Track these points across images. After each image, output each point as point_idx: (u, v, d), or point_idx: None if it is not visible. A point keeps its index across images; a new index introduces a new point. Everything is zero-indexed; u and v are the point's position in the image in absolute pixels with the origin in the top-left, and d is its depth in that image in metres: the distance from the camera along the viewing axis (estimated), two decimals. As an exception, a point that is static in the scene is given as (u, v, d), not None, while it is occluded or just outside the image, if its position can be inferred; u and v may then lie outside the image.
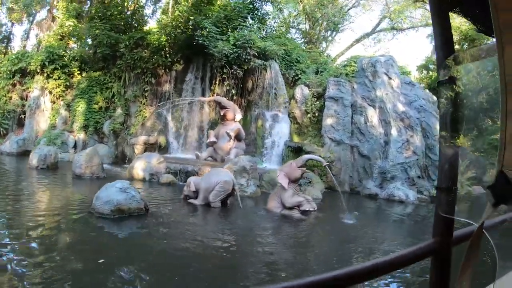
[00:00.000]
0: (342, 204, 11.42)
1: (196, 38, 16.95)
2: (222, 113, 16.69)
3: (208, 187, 10.56)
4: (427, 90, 18.93)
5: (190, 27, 17.50)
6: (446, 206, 1.41)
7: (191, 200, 10.78)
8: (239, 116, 16.75)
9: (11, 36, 22.29)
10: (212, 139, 16.49)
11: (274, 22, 24.88)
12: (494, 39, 1.07)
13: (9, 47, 21.43)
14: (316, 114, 17.21)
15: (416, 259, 1.38)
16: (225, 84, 17.67)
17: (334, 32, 26.15)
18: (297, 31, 25.99)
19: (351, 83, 17.17)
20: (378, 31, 29.08)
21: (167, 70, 18.54)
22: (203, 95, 18.37)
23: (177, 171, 14.25)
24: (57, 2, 21.16)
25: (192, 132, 18.37)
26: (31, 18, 22.59)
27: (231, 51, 16.92)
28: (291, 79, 19.11)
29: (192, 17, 17.57)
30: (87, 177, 13.09)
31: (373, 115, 16.33)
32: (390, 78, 16.90)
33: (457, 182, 1.44)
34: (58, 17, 21.29)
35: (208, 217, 10.17)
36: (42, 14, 23.46)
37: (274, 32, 22.64)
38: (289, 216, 10.27)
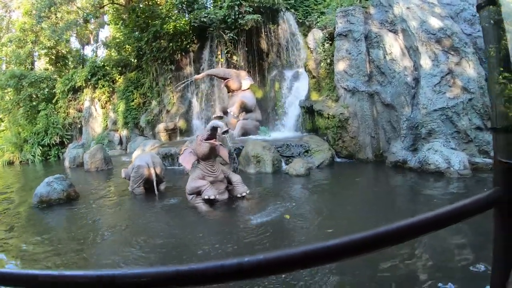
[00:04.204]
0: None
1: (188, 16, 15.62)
2: (223, 85, 14.84)
3: (130, 173, 9.61)
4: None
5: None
6: (506, 150, 1.20)
7: (129, 187, 9.77)
8: (246, 82, 14.31)
9: (85, 57, 24.69)
10: (218, 114, 14.74)
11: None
12: None
13: (85, 67, 24.44)
14: (329, 61, 13.24)
15: (474, 212, 1.15)
16: (225, 51, 15.52)
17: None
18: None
19: (366, 8, 12.50)
20: None
21: (183, 54, 17.47)
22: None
23: (164, 155, 13.28)
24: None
25: (214, 110, 16.93)
26: (96, 38, 25.27)
27: (218, 16, 14.69)
28: (313, 26, 15.41)
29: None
30: (93, 171, 14.34)
31: (392, 44, 11.36)
32: (415, -14, 11.50)
33: None
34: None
35: (111, 206, 8.92)
36: (105, 32, 26.14)
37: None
38: (195, 206, 7.72)
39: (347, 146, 11.92)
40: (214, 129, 7.72)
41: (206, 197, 7.55)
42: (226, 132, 8.48)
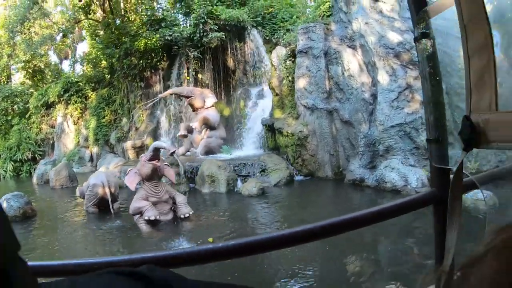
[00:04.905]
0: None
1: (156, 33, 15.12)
2: (186, 104, 14.26)
3: (85, 191, 9.34)
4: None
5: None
6: (438, 157, 1.35)
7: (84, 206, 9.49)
8: (210, 101, 13.75)
9: (62, 72, 23.18)
10: (182, 132, 14.08)
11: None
12: None
13: (58, 83, 23.45)
14: (291, 78, 12.58)
15: (413, 207, 1.35)
16: (190, 70, 14.89)
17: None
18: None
19: (327, 24, 11.95)
20: None
21: (153, 71, 16.76)
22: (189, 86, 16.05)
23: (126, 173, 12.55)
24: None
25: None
26: (74, 52, 24.52)
27: (184, 35, 14.20)
28: (280, 43, 14.81)
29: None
30: (58, 188, 13.64)
31: (350, 60, 10.73)
32: (376, 1, 10.78)
33: (446, 132, 1.33)
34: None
35: (62, 225, 8.82)
36: (84, 47, 25.26)
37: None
38: (139, 227, 7.57)
39: (307, 164, 11.20)
40: (156, 150, 7.73)
41: (146, 217, 7.41)
42: (173, 153, 8.32)
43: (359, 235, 5.78)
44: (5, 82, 21.92)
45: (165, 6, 18.10)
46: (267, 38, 14.91)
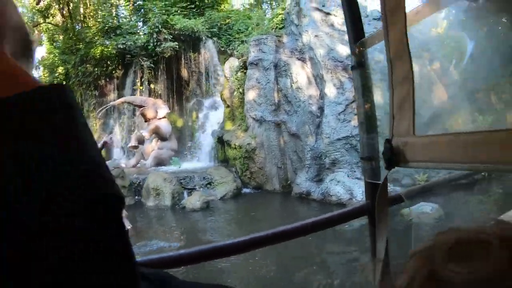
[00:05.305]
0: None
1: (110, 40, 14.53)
2: (139, 114, 13.68)
3: None
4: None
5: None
6: (370, 173, 1.41)
7: None
8: (162, 111, 13.20)
9: None
10: (133, 143, 13.42)
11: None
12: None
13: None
14: (241, 90, 12.21)
15: (351, 217, 1.49)
16: (144, 79, 14.38)
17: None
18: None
19: (279, 37, 11.73)
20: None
21: (108, 80, 16.12)
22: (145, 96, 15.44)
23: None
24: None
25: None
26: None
27: (138, 43, 13.69)
28: (234, 55, 14.58)
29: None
30: None
31: (299, 72, 10.49)
32: (328, 14, 10.75)
33: (378, 151, 1.39)
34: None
35: None
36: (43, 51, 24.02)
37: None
38: None
39: (255, 177, 10.76)
40: None
41: None
42: (105, 144, 8.63)
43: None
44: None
45: (123, 13, 17.50)
46: (223, 49, 14.55)
